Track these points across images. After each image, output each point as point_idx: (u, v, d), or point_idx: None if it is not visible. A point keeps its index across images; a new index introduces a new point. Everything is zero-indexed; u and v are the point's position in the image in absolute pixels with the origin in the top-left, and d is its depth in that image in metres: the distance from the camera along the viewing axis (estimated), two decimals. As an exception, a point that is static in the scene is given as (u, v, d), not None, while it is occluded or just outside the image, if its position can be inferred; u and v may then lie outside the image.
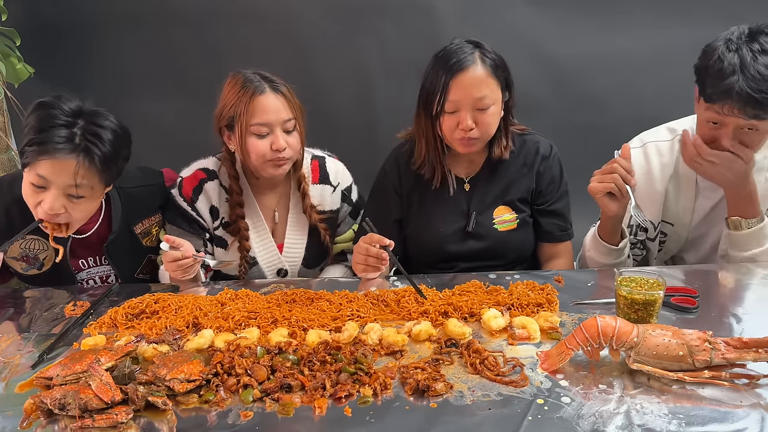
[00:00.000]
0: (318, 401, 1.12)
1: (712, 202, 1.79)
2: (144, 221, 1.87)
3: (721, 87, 1.51)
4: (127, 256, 1.86)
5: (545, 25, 2.87)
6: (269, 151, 1.74)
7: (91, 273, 1.87)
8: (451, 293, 1.56)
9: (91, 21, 2.89)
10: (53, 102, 1.56)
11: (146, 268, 1.92)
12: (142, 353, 1.31)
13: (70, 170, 1.53)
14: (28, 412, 1.12)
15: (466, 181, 1.87)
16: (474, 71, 1.66)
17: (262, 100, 1.72)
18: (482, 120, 1.69)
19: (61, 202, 1.58)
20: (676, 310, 1.43)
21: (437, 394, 1.13)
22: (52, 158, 1.52)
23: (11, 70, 2.56)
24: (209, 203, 1.87)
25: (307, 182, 1.94)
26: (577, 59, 2.91)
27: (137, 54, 2.91)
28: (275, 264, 1.95)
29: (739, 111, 1.51)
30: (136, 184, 1.86)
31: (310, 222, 1.95)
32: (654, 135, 1.85)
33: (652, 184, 1.81)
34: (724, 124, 1.58)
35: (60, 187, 1.56)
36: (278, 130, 1.74)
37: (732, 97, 1.50)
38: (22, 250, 1.78)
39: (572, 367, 1.20)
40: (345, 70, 2.89)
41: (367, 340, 1.33)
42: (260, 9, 2.87)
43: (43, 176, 1.54)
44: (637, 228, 1.88)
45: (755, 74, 1.48)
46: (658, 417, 1.04)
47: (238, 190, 1.86)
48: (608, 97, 2.92)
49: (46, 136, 1.51)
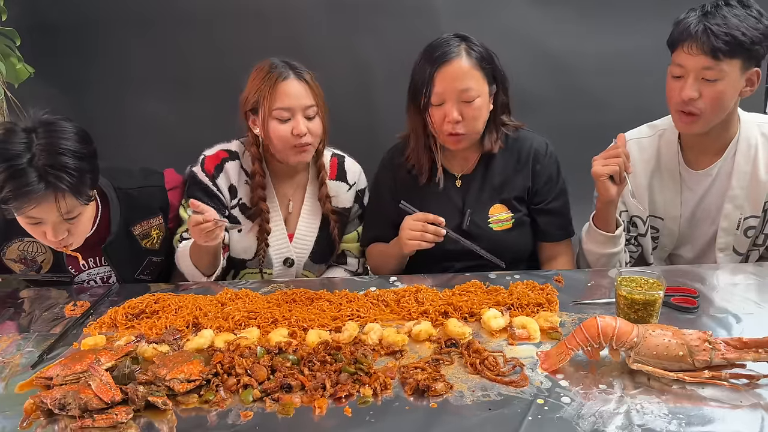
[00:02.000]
0: (318, 401, 1.12)
1: (698, 194, 1.81)
2: (143, 223, 1.86)
3: (681, 26, 1.62)
4: (127, 257, 1.85)
5: (545, 24, 2.87)
6: (290, 136, 1.77)
7: (92, 274, 1.86)
8: (451, 293, 1.57)
9: (92, 21, 2.89)
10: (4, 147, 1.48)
11: (147, 270, 1.92)
12: (142, 353, 1.31)
13: (53, 206, 1.52)
14: (28, 412, 1.12)
15: (457, 177, 1.88)
16: (458, 63, 1.68)
17: (285, 85, 1.77)
18: (468, 113, 1.70)
19: (62, 228, 1.60)
20: (676, 310, 1.43)
21: (437, 394, 1.13)
22: (37, 205, 1.51)
23: (11, 70, 2.56)
24: (228, 182, 1.90)
25: (326, 172, 1.98)
26: (577, 58, 2.90)
27: (138, 54, 2.91)
28: (284, 252, 1.97)
29: (697, 46, 1.57)
30: (135, 185, 1.85)
31: (324, 209, 1.98)
32: (636, 133, 1.89)
33: (636, 179, 1.83)
34: (685, 74, 1.62)
35: (53, 220, 1.57)
36: (299, 115, 1.78)
37: (691, 34, 1.58)
38: (20, 252, 1.78)
39: (572, 367, 1.20)
40: (345, 68, 2.89)
41: (367, 340, 1.33)
42: (263, 9, 2.86)
43: (33, 217, 1.55)
44: (628, 223, 1.89)
45: (717, 16, 1.57)
46: (658, 417, 1.04)
47: (261, 173, 1.89)
48: (608, 97, 2.91)
49: (16, 186, 1.46)
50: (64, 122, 1.56)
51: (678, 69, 1.64)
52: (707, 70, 1.58)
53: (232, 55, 2.84)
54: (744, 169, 1.74)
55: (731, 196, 1.76)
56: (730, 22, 1.56)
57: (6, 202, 1.50)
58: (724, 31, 1.55)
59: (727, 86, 1.60)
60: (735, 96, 1.65)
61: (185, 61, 2.94)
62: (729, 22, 1.56)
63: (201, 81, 2.93)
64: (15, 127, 1.52)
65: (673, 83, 1.67)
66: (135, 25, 2.90)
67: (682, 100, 1.63)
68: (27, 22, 2.76)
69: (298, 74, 1.79)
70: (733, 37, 1.54)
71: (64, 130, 1.53)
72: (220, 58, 2.85)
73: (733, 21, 1.56)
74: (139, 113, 2.88)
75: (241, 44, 2.85)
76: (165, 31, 2.91)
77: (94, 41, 2.88)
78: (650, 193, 1.85)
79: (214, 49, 2.91)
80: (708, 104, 1.62)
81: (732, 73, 1.59)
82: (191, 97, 2.92)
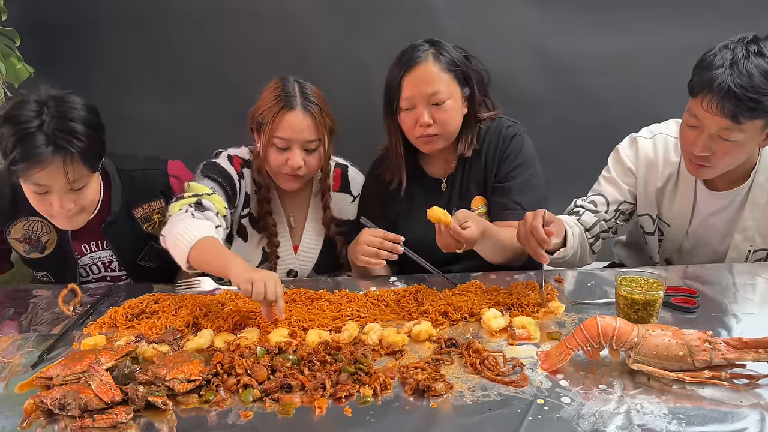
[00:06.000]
0: (318, 401, 1.12)
1: (711, 209, 1.76)
2: (144, 206, 1.85)
3: (705, 77, 1.48)
4: (128, 240, 1.85)
5: (545, 25, 2.87)
6: (285, 165, 1.77)
7: (93, 258, 1.86)
8: (451, 293, 1.57)
9: (92, 21, 2.89)
10: (15, 113, 1.53)
11: (149, 255, 1.91)
12: (142, 353, 1.31)
13: (60, 172, 1.54)
14: (28, 412, 1.12)
15: (443, 181, 1.88)
16: (425, 67, 1.69)
17: (290, 116, 1.74)
18: (439, 116, 1.70)
19: (69, 198, 1.61)
20: (676, 310, 1.43)
21: (437, 394, 1.13)
22: (43, 168, 1.52)
23: (11, 70, 2.56)
24: (245, 188, 1.90)
25: (330, 195, 1.96)
26: (577, 58, 2.90)
27: (138, 54, 2.91)
28: (288, 263, 1.97)
29: (717, 106, 1.46)
30: (137, 167, 1.86)
31: (328, 234, 1.98)
32: (664, 128, 1.82)
33: (654, 176, 1.79)
34: (701, 128, 1.54)
35: (60, 188, 1.58)
36: (297, 148, 1.76)
37: (713, 90, 1.46)
38: (25, 232, 1.79)
39: (572, 367, 1.20)
40: (345, 70, 2.89)
41: (367, 340, 1.33)
42: (261, 9, 2.87)
43: (40, 184, 1.56)
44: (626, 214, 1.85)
45: (743, 71, 1.44)
46: (658, 417, 1.04)
47: (266, 186, 1.89)
48: (608, 97, 2.91)
49: (25, 149, 1.50)
50: (74, 95, 1.61)
51: (694, 120, 1.55)
52: (725, 130, 1.49)
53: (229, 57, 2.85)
54: (759, 201, 1.68)
55: (742, 227, 1.72)
56: (756, 83, 1.43)
57: (15, 164, 1.52)
58: (749, 96, 1.42)
59: (745, 143, 1.53)
60: (752, 149, 1.58)
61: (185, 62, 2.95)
62: (755, 83, 1.43)
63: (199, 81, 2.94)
64: (26, 98, 1.57)
65: (687, 131, 1.59)
66: (134, 26, 2.90)
67: (693, 153, 1.57)
68: (27, 22, 2.77)
69: (306, 106, 1.75)
70: (758, 102, 1.43)
71: (73, 101, 1.58)
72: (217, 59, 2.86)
73: (758, 81, 1.43)
74: (137, 113, 2.89)
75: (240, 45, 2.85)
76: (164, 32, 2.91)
77: (93, 41, 2.89)
78: (662, 197, 1.81)
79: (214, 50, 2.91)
80: (721, 159, 1.56)
81: (752, 131, 1.50)
82: (189, 98, 2.92)
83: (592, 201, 1.84)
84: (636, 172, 1.81)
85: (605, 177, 1.87)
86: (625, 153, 1.83)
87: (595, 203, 1.83)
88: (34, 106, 1.54)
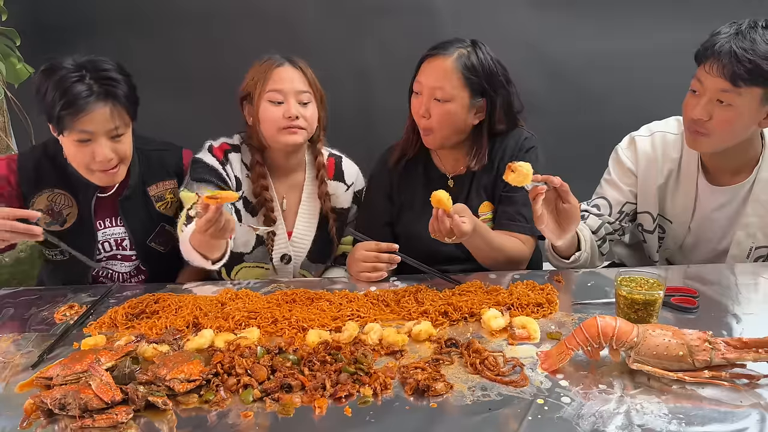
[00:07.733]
0: (318, 401, 1.12)
1: (713, 204, 1.76)
2: (158, 184, 1.91)
3: (709, 42, 1.54)
4: (141, 218, 1.89)
5: (545, 25, 2.88)
6: (282, 118, 1.79)
7: (107, 234, 1.88)
8: (451, 293, 1.57)
9: (92, 21, 2.89)
10: (57, 65, 1.64)
11: (159, 238, 1.93)
12: (142, 353, 1.31)
13: (106, 116, 1.63)
14: (28, 412, 1.12)
15: (449, 178, 1.88)
16: (443, 61, 1.70)
17: (280, 70, 1.81)
18: (436, 112, 1.71)
19: (109, 147, 1.67)
20: (676, 310, 1.43)
21: (437, 394, 1.13)
22: (89, 113, 1.61)
23: (11, 70, 2.56)
24: (234, 171, 1.92)
25: (326, 170, 1.99)
26: (576, 59, 2.91)
27: (138, 54, 2.91)
28: (282, 248, 1.97)
29: (717, 66, 1.50)
30: (152, 147, 1.93)
31: (323, 208, 1.99)
32: (663, 125, 1.83)
33: (654, 173, 1.79)
34: (702, 92, 1.57)
35: (103, 133, 1.65)
36: (292, 99, 1.80)
37: (715, 51, 1.50)
38: (48, 203, 1.81)
39: (572, 367, 1.21)
40: (345, 70, 2.89)
41: (367, 340, 1.33)
42: (261, 9, 2.87)
43: (86, 130, 1.63)
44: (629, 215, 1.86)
45: (746, 37, 1.48)
46: (658, 417, 1.04)
47: (261, 161, 1.91)
48: (608, 97, 2.92)
49: (72, 96, 1.59)
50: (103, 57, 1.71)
51: (697, 84, 1.58)
52: (723, 92, 1.51)
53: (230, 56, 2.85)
54: (761, 198, 1.68)
55: (744, 223, 1.72)
56: (759, 49, 1.46)
57: (62, 111, 1.59)
58: (748, 58, 1.45)
59: (742, 113, 1.53)
60: (751, 125, 1.58)
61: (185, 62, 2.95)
62: (757, 48, 1.46)
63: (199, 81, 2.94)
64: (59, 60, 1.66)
65: (689, 98, 1.62)
66: (134, 25, 2.91)
67: (692, 118, 1.59)
68: (27, 22, 2.77)
69: (293, 62, 1.84)
70: (757, 66, 1.46)
71: (108, 62, 1.70)
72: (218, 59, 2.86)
73: (762, 48, 1.46)
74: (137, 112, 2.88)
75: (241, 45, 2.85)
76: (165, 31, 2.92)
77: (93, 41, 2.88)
78: (664, 193, 1.81)
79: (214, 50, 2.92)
80: (717, 127, 1.56)
81: (750, 101, 1.51)
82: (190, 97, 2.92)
83: (596, 204, 1.85)
84: (636, 171, 1.82)
85: (606, 180, 1.88)
86: (624, 153, 1.83)
87: (598, 207, 1.84)
88: (70, 62, 1.65)
